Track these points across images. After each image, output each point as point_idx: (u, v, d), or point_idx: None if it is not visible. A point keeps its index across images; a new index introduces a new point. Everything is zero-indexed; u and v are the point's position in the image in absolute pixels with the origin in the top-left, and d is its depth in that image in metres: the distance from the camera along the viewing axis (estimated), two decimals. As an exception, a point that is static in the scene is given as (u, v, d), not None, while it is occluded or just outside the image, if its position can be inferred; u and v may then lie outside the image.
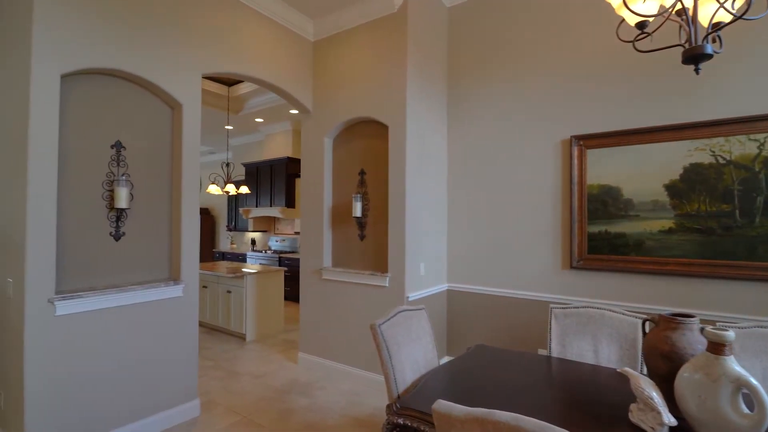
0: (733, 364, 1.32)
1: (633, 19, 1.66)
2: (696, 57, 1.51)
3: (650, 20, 1.64)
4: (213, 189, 6.30)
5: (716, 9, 1.49)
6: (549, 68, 3.52)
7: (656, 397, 1.44)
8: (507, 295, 3.70)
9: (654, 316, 1.69)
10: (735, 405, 1.30)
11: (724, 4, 1.46)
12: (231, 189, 6.36)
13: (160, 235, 3.00)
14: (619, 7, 1.66)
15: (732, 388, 1.30)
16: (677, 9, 1.58)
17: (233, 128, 8.21)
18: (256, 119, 7.65)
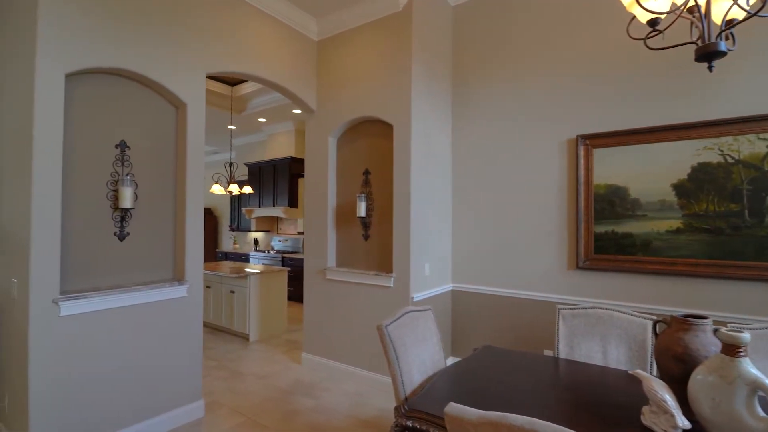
0: (749, 367, 1.30)
1: (645, 17, 1.64)
2: (710, 54, 1.48)
3: (662, 17, 1.62)
4: (216, 189, 6.29)
5: (730, 6, 1.47)
6: (555, 67, 3.49)
7: (669, 400, 1.42)
8: (512, 296, 3.68)
9: (666, 318, 1.67)
10: (751, 408, 1.27)
11: (738, 1, 1.44)
12: (234, 189, 6.35)
13: (165, 235, 2.99)
14: (631, 5, 1.64)
15: (748, 391, 1.28)
16: (689, 6, 1.56)
17: (236, 128, 8.20)
18: (259, 119, 7.65)
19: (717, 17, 1.55)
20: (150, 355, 2.81)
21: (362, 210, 3.78)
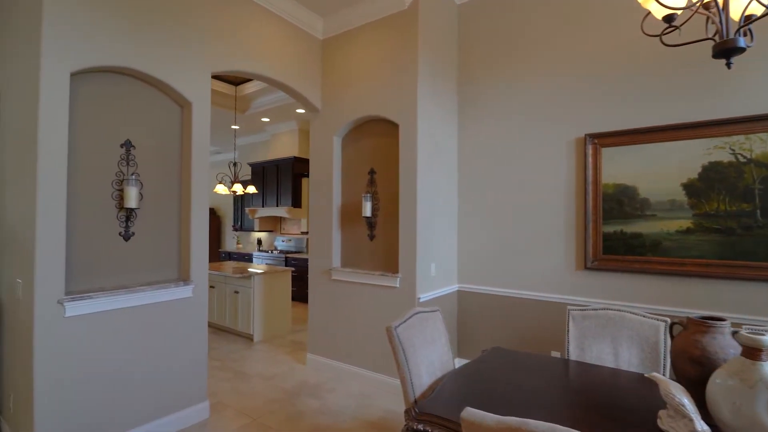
0: (771, 370, 1.27)
1: (660, 13, 1.61)
2: (728, 51, 1.45)
3: (678, 13, 1.59)
4: (220, 189, 6.28)
5: (749, 1, 1.44)
6: (562, 65, 3.46)
7: (688, 404, 1.38)
8: (519, 296, 3.65)
9: (682, 319, 1.64)
10: (773, 413, 1.24)
11: (758, -4, 1.41)
12: (238, 189, 6.34)
13: (170, 235, 2.97)
14: (646, 1, 1.60)
15: (770, 395, 1.25)
16: (705, 1, 1.53)
17: (239, 128, 8.19)
18: (263, 119, 7.63)
19: (735, 13, 1.52)
20: (155, 357, 2.79)
21: (368, 210, 3.75)
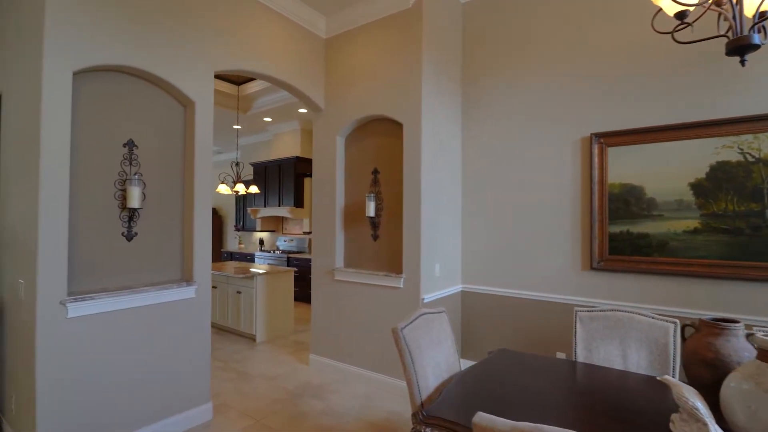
0: (789, 374, 1.24)
1: (672, 9, 1.58)
2: (742, 48, 1.42)
3: (690, 10, 1.56)
4: (222, 189, 6.26)
5: (764, -3, 1.41)
6: (567, 64, 3.43)
7: (702, 408, 1.35)
8: (523, 297, 3.62)
9: (694, 321, 1.61)
10: (791, 417, 1.22)
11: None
12: (240, 189, 6.32)
13: (173, 236, 2.95)
14: (658, -3, 1.58)
15: (787, 400, 1.22)
16: (718, -2, 1.51)
17: (241, 128, 8.17)
18: (265, 118, 7.61)
19: (749, 9, 1.49)
20: (158, 358, 2.77)
21: (371, 210, 3.72)
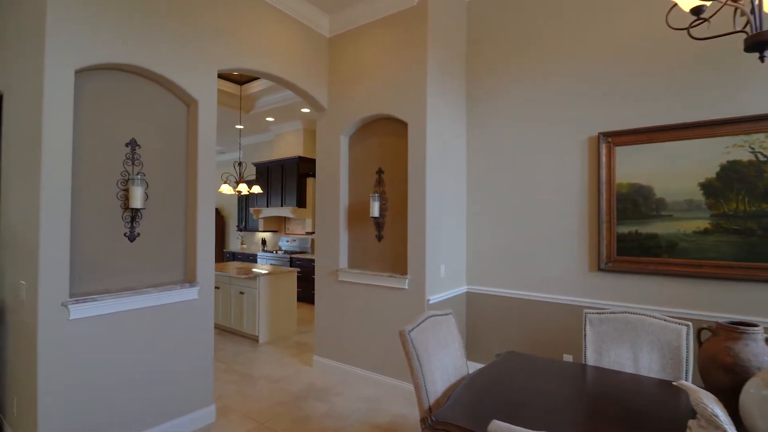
0: (813, 380, 1.20)
1: (688, 5, 1.54)
2: (762, 44, 1.38)
3: (707, 5, 1.52)
4: (225, 188, 6.23)
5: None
6: (573, 62, 3.39)
7: (721, 414, 1.31)
8: (529, 298, 3.58)
9: (711, 325, 1.57)
10: (815, 425, 1.17)
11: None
12: (243, 189, 6.29)
13: (175, 236, 2.92)
14: (673, -8, 1.54)
15: (812, 407, 1.18)
16: (736, -7, 1.46)
17: (243, 128, 8.14)
18: (267, 118, 7.58)
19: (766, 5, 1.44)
20: (160, 360, 2.73)
21: (375, 210, 3.69)
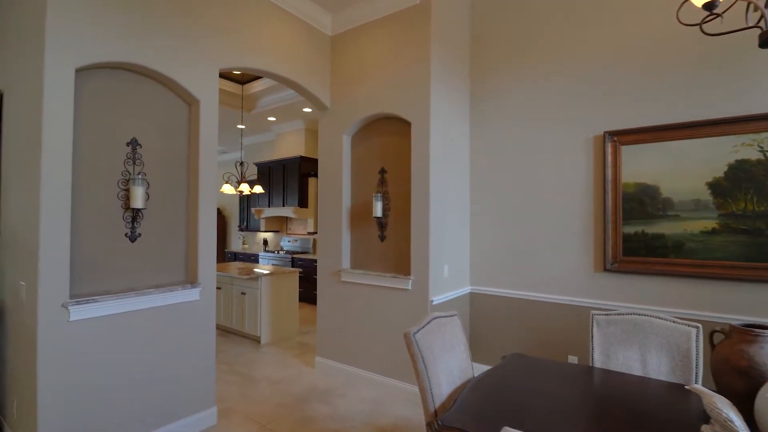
0: (832, 385, 1.17)
1: (700, 0, 1.51)
2: (778, 39, 1.35)
3: (720, 0, 1.49)
4: (227, 188, 6.21)
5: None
6: (579, 60, 3.35)
7: (736, 419, 1.28)
8: (533, 299, 3.54)
9: (724, 327, 1.54)
10: (835, 432, 1.14)
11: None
12: (245, 189, 6.26)
13: (177, 237, 2.89)
14: (685, -14, 1.50)
15: (832, 413, 1.14)
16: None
17: (245, 127, 8.11)
18: (269, 118, 7.55)
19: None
20: (162, 361, 2.71)
21: (378, 210, 3.65)
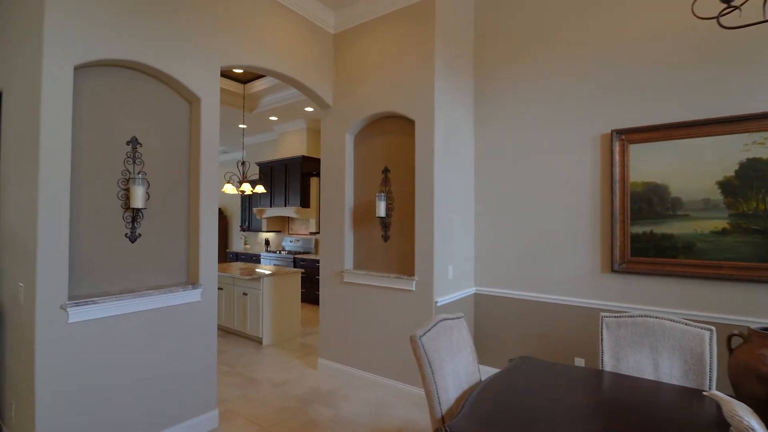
0: None
1: (717, -9, 1.46)
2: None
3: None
4: (228, 188, 6.16)
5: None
6: (585, 57, 3.29)
7: (758, 427, 1.23)
8: (539, 300, 3.49)
9: (742, 331, 1.49)
10: None
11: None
12: (246, 188, 6.22)
13: (178, 237, 2.85)
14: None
15: None
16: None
17: (246, 127, 8.07)
18: (271, 117, 7.51)
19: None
20: (162, 364, 2.66)
21: (381, 210, 3.61)
